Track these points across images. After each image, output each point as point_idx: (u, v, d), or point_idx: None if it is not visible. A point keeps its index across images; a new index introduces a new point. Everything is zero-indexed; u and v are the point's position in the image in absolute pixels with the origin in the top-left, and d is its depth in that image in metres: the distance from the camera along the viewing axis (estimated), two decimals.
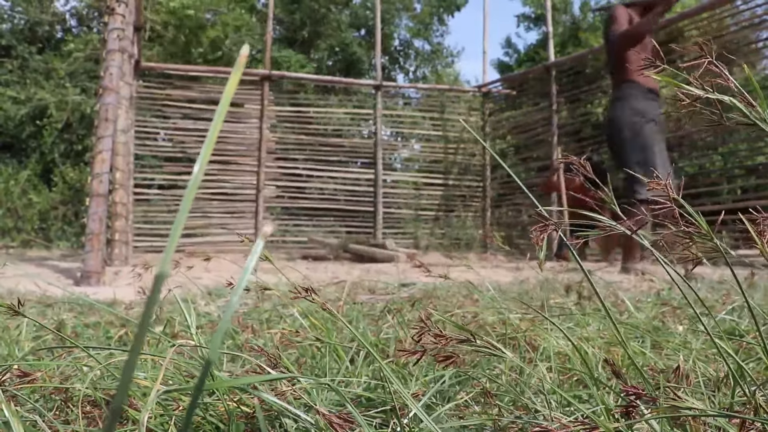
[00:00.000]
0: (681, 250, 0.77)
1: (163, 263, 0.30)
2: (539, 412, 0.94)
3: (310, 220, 11.43)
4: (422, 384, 1.14)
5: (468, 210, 12.17)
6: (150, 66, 10.75)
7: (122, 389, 0.28)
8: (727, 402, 0.88)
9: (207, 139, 0.33)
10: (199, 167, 0.33)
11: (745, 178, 9.09)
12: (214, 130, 0.33)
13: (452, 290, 2.71)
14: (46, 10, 16.23)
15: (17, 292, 3.07)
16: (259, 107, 10.90)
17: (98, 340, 1.80)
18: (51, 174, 13.96)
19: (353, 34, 19.24)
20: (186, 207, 0.32)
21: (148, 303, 0.29)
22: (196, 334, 1.11)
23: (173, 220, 5.19)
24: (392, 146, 12.97)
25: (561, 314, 1.87)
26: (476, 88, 12.57)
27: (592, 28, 18.45)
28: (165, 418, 0.90)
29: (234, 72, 0.34)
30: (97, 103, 5.39)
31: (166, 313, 2.05)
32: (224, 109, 0.34)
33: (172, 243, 0.31)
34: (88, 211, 4.92)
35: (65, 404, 1.01)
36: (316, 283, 3.60)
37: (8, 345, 1.51)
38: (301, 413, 0.85)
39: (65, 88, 14.41)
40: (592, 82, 10.75)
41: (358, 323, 1.80)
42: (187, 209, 0.32)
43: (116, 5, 5.42)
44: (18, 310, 0.91)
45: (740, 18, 8.74)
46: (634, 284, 3.53)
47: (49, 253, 9.55)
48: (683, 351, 1.35)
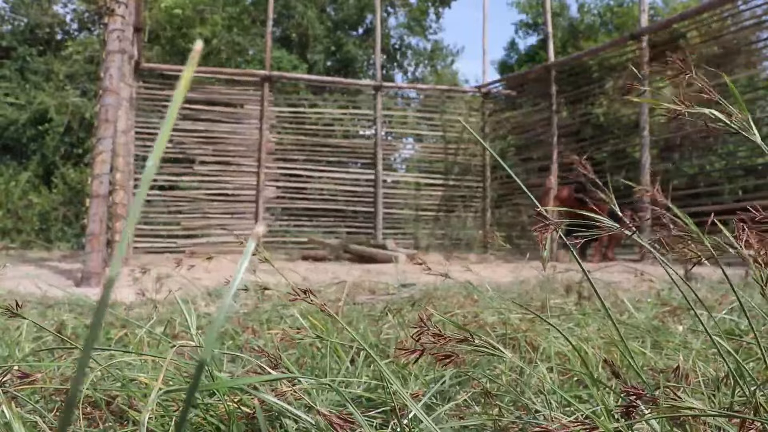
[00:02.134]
0: (679, 251, 0.77)
1: (113, 267, 0.30)
2: (539, 412, 0.94)
3: (310, 221, 11.43)
4: (423, 384, 1.14)
5: (468, 210, 12.17)
6: (150, 67, 10.75)
7: (75, 383, 0.28)
8: (727, 401, 0.88)
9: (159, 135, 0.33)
10: (152, 162, 0.33)
11: (744, 179, 9.09)
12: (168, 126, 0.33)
13: (452, 291, 2.71)
14: (46, 12, 16.24)
15: (18, 293, 3.07)
16: (259, 108, 10.90)
17: (98, 341, 1.79)
18: (51, 175, 13.96)
19: (350, 33, 19.23)
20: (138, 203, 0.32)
21: (99, 305, 0.29)
22: (196, 335, 1.11)
23: (174, 221, 5.20)
24: (392, 146, 12.97)
25: (561, 315, 1.87)
26: (476, 89, 12.58)
27: (591, 30, 18.48)
28: (165, 419, 0.90)
29: (187, 67, 0.34)
30: (97, 104, 5.39)
31: (166, 314, 2.05)
32: (178, 102, 0.34)
33: (123, 241, 0.31)
34: (89, 212, 4.92)
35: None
36: (316, 284, 3.60)
37: (9, 346, 1.51)
38: (302, 413, 0.85)
39: (65, 91, 14.41)
40: (592, 83, 10.75)
41: (358, 324, 1.80)
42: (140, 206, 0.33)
43: (116, 6, 5.42)
44: (17, 311, 0.91)
45: (740, 18, 8.74)
46: (634, 284, 3.53)
47: (50, 254, 9.55)
48: (683, 351, 1.35)
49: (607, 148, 10.55)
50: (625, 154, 10.48)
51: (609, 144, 10.55)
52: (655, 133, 9.31)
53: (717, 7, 8.60)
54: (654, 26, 9.58)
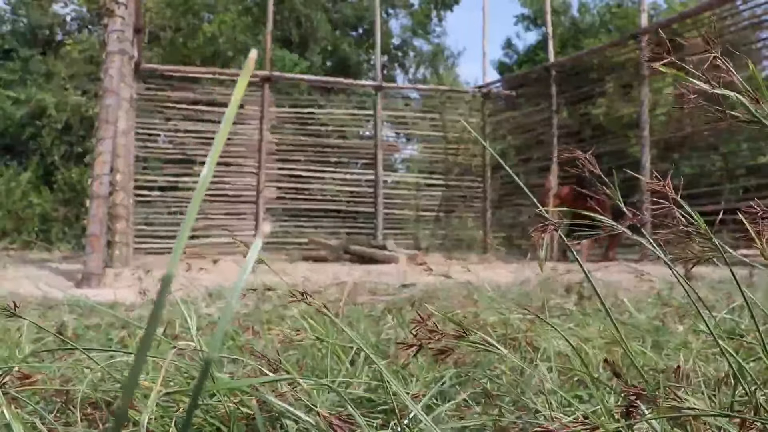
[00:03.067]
0: (681, 249, 0.77)
1: (170, 265, 0.30)
2: (540, 412, 0.94)
3: (310, 222, 11.43)
4: (423, 385, 1.14)
5: (468, 211, 12.17)
6: (150, 68, 10.75)
7: (126, 395, 0.28)
8: (727, 401, 0.88)
9: (214, 145, 0.33)
10: (207, 170, 0.33)
11: (746, 178, 9.09)
12: (222, 136, 0.33)
13: (453, 291, 2.71)
14: (46, 13, 16.24)
15: (18, 294, 3.07)
16: (260, 108, 10.90)
17: (99, 341, 1.80)
18: (52, 176, 13.95)
19: (350, 32, 19.23)
20: (194, 210, 0.32)
21: (156, 307, 0.29)
22: (196, 336, 1.11)
23: (174, 222, 5.21)
24: (393, 147, 12.97)
25: (561, 315, 1.87)
26: (476, 89, 12.57)
27: (592, 30, 18.48)
28: (166, 420, 0.90)
29: (242, 76, 0.33)
30: (97, 105, 5.39)
31: (166, 315, 2.05)
32: (232, 114, 0.34)
33: (179, 246, 0.31)
34: (89, 213, 4.92)
35: (66, 406, 1.01)
36: (317, 285, 3.61)
37: (9, 347, 1.51)
38: (302, 414, 0.85)
39: (66, 90, 14.42)
40: (592, 83, 10.75)
41: (358, 324, 1.80)
42: (195, 213, 0.32)
43: (116, 7, 5.42)
44: (16, 312, 0.91)
45: (740, 18, 8.74)
46: (634, 284, 3.52)
47: (50, 255, 9.55)
48: (684, 351, 1.35)
49: (606, 148, 10.54)
50: (625, 154, 10.47)
51: (609, 144, 10.55)
52: (656, 133, 9.31)
53: (716, 7, 8.61)
54: (654, 26, 9.59)
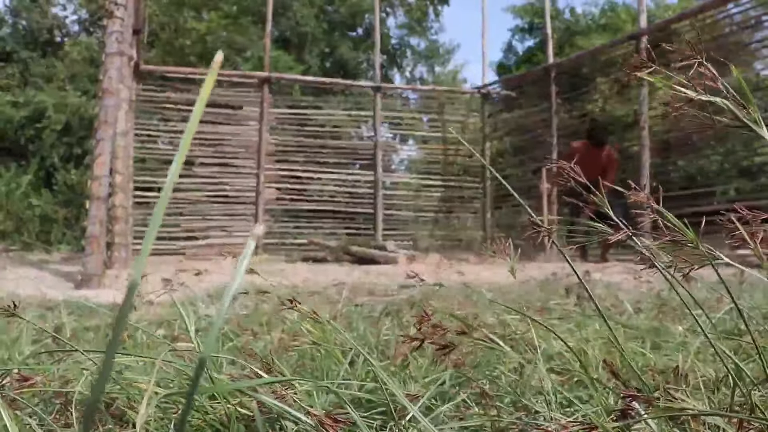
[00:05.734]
0: (672, 258, 0.77)
1: (136, 270, 0.30)
2: (539, 413, 0.94)
3: (310, 222, 11.43)
4: (422, 385, 1.14)
5: (468, 211, 12.18)
6: (149, 69, 10.74)
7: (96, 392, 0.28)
8: (726, 402, 0.88)
9: (182, 144, 0.33)
10: (174, 167, 0.33)
11: (740, 180, 9.08)
12: (189, 134, 0.34)
13: (452, 292, 2.71)
14: (46, 15, 16.25)
15: (18, 295, 3.07)
16: (259, 109, 10.90)
17: (98, 343, 1.80)
18: (52, 177, 13.95)
19: (347, 33, 19.22)
20: (160, 211, 0.32)
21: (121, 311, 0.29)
22: (195, 337, 1.11)
23: (174, 223, 5.19)
24: (392, 147, 12.97)
25: (560, 316, 1.87)
26: (476, 90, 12.58)
27: (587, 31, 18.55)
28: (164, 421, 0.91)
29: (209, 75, 0.34)
30: (96, 105, 5.40)
31: (166, 316, 2.05)
32: (199, 111, 0.34)
33: (146, 248, 0.31)
34: (88, 215, 4.92)
35: (65, 408, 1.01)
36: (316, 285, 3.61)
37: (8, 348, 1.51)
38: (301, 415, 0.85)
39: (65, 91, 14.42)
40: (591, 83, 10.76)
41: (357, 325, 1.80)
42: (162, 213, 0.32)
43: (115, 8, 5.42)
44: (14, 312, 0.91)
45: (733, 20, 8.75)
46: (633, 285, 3.53)
47: (50, 256, 9.55)
48: (682, 351, 1.35)
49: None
50: (625, 154, 10.48)
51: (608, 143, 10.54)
52: (655, 132, 9.31)
53: (710, 9, 8.62)
54: (652, 27, 9.60)
